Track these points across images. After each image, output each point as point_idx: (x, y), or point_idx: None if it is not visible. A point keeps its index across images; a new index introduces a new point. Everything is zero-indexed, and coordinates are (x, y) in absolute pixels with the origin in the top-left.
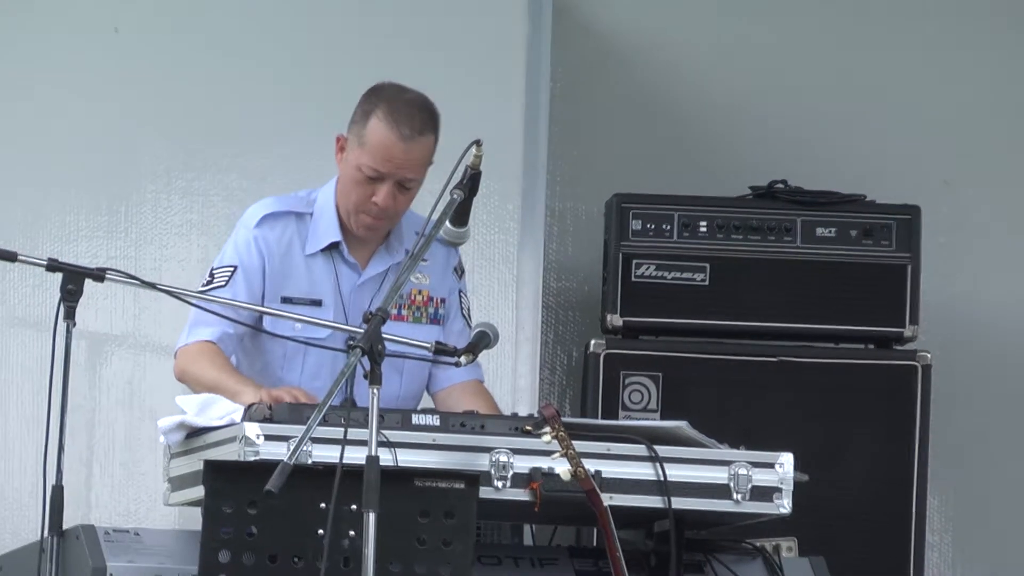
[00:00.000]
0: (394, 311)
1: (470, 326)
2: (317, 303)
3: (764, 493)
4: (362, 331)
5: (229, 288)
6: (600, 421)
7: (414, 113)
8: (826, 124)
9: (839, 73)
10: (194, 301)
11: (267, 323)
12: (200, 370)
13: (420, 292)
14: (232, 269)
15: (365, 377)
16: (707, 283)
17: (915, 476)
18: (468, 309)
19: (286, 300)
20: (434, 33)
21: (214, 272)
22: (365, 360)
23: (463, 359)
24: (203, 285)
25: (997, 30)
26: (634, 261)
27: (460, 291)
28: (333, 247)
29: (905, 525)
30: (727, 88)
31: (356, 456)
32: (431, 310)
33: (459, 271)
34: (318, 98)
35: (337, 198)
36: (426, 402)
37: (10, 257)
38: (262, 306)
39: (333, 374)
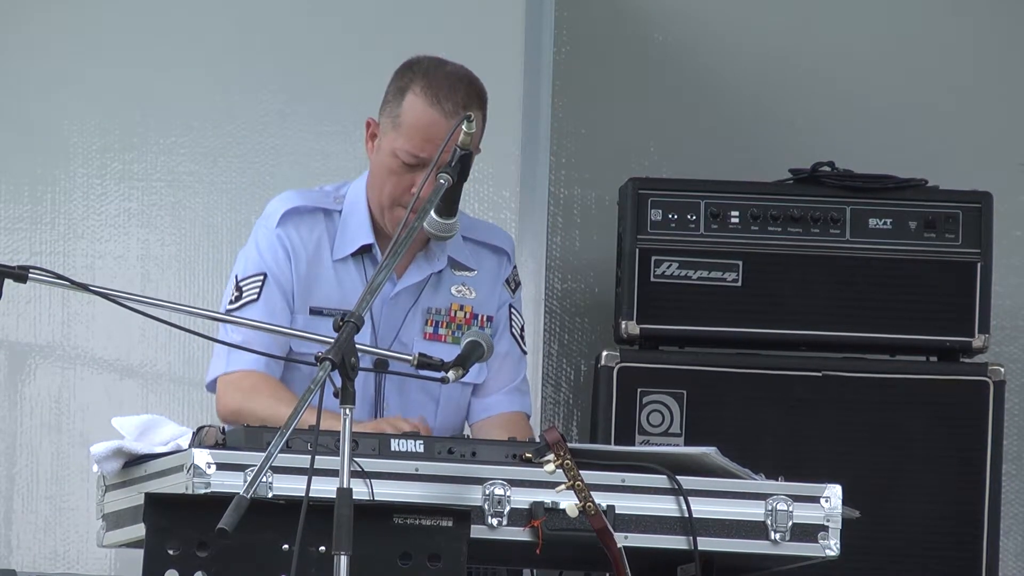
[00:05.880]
0: (430, 329)
1: (523, 349)
2: None
3: (807, 532)
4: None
5: (263, 301)
6: (613, 447)
7: (457, 86)
8: (881, 96)
9: (898, 36)
10: (136, 307)
11: (292, 340)
12: (266, 408)
13: (463, 308)
14: (262, 278)
15: (336, 395)
16: (739, 284)
17: (986, 512)
18: (521, 329)
19: (315, 312)
20: None
21: (241, 285)
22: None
23: (451, 374)
24: (230, 302)
25: None
26: (653, 258)
27: (511, 306)
28: (365, 251)
29: (974, 569)
30: (763, 53)
31: (325, 489)
32: (475, 330)
33: (512, 283)
34: (277, 64)
35: (368, 193)
36: None
37: None
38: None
39: (366, 398)
